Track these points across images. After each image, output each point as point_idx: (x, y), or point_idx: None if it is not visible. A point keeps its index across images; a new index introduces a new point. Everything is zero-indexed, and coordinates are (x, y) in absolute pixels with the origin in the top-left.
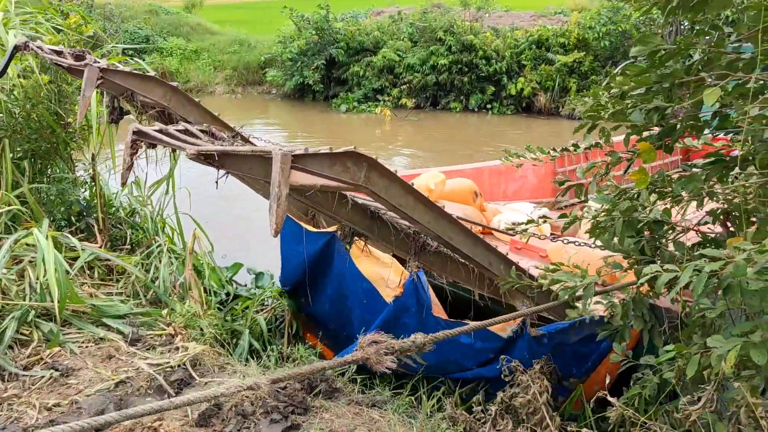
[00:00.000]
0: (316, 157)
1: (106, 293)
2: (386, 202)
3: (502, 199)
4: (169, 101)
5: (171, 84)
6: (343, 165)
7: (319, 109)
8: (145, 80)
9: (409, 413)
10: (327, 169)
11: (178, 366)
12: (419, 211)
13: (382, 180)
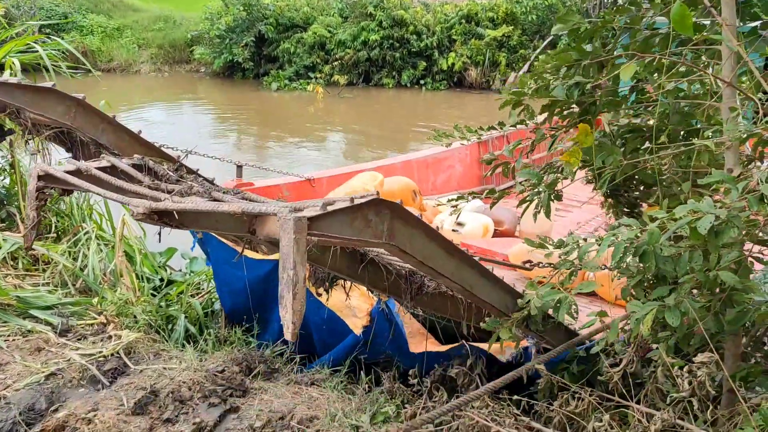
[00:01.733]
0: (335, 216)
1: (32, 284)
2: (411, 258)
3: (432, 192)
4: (73, 119)
5: (75, 97)
6: (364, 219)
7: (250, 87)
8: (39, 94)
9: (348, 390)
10: (347, 227)
11: (112, 355)
12: (443, 259)
13: (407, 229)
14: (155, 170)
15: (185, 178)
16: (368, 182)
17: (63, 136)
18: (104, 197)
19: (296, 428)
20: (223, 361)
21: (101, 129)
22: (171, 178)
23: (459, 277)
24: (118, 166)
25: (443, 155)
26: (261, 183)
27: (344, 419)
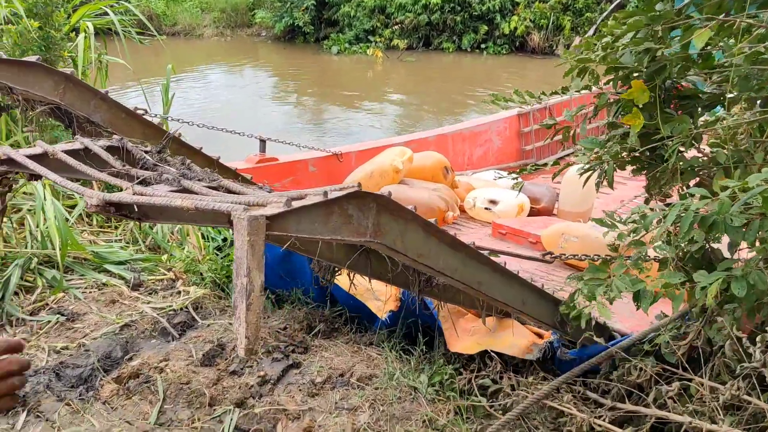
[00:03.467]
0: (304, 213)
1: (105, 240)
2: (403, 256)
3: (468, 167)
4: (63, 95)
5: (63, 72)
6: (343, 215)
7: (309, 51)
8: (24, 69)
9: (406, 351)
10: (322, 225)
11: (181, 309)
12: (444, 256)
13: (397, 224)
14: (133, 153)
15: (167, 162)
16: (396, 157)
17: (59, 113)
18: (60, 185)
19: (355, 385)
20: (285, 319)
21: (93, 105)
22: (147, 163)
23: (464, 275)
24: (91, 149)
25: (480, 128)
26: (286, 158)
27: (402, 379)
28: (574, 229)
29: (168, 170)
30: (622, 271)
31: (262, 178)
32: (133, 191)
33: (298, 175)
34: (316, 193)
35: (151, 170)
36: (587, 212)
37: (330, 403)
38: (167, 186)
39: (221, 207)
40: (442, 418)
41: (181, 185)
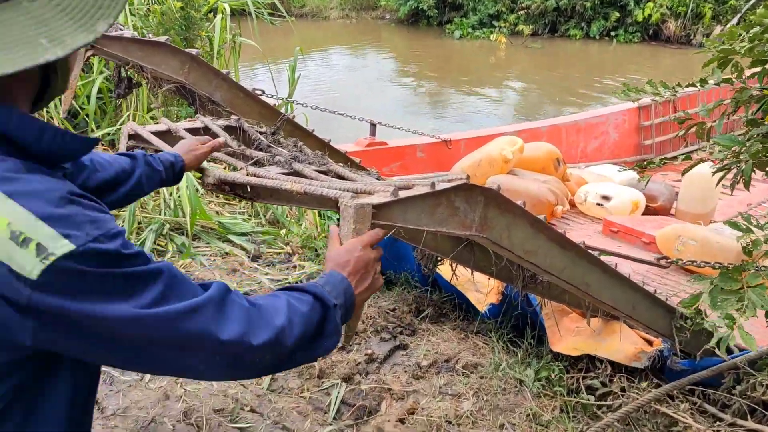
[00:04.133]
0: (410, 203)
1: (230, 212)
2: (508, 252)
3: (580, 159)
4: (187, 75)
5: (188, 52)
6: (449, 206)
7: (432, 35)
8: (153, 49)
9: (514, 343)
10: (427, 216)
11: (296, 283)
12: (552, 256)
13: (504, 219)
14: (249, 134)
15: (281, 144)
16: (506, 147)
17: (184, 91)
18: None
19: (460, 371)
20: (395, 301)
21: (214, 85)
22: (262, 144)
23: (572, 275)
24: (210, 128)
25: (596, 120)
26: (394, 142)
27: (508, 370)
28: (693, 231)
29: (280, 152)
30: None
31: (370, 162)
32: (247, 172)
33: (406, 160)
34: (424, 183)
35: (264, 151)
36: (708, 214)
37: (434, 387)
38: (279, 168)
39: (329, 193)
40: (547, 414)
41: (292, 168)
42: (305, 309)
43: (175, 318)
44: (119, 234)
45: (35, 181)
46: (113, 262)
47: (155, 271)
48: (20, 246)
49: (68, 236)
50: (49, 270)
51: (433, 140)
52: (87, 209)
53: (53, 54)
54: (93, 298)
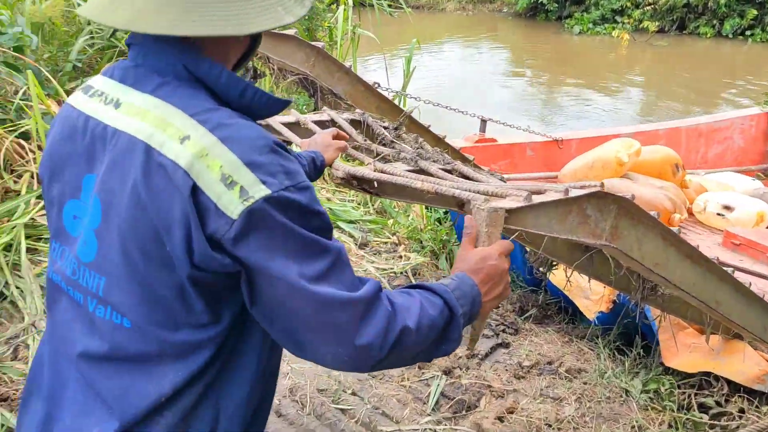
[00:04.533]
0: (543, 209)
1: (340, 199)
2: (637, 264)
3: (701, 166)
4: (312, 67)
5: (314, 45)
6: (580, 214)
7: (550, 30)
8: (282, 41)
9: (621, 351)
10: (558, 223)
11: (401, 273)
12: (682, 270)
13: (636, 230)
14: (372, 128)
15: (402, 139)
16: (622, 149)
17: (306, 82)
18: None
19: (563, 375)
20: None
21: (337, 78)
22: (386, 139)
23: (702, 291)
24: (336, 121)
25: (720, 125)
26: (504, 139)
27: (613, 379)
28: None
29: (405, 148)
30: None
31: (478, 159)
32: (375, 168)
33: (515, 157)
34: (557, 189)
35: (388, 146)
36: None
37: (535, 389)
38: (404, 165)
39: (461, 195)
40: (654, 428)
41: (417, 165)
42: (434, 313)
43: (326, 303)
44: (307, 188)
45: (245, 128)
46: (299, 212)
47: (329, 247)
48: (228, 187)
49: (265, 182)
50: (248, 211)
51: (544, 139)
52: (283, 160)
53: (288, 20)
54: (271, 246)
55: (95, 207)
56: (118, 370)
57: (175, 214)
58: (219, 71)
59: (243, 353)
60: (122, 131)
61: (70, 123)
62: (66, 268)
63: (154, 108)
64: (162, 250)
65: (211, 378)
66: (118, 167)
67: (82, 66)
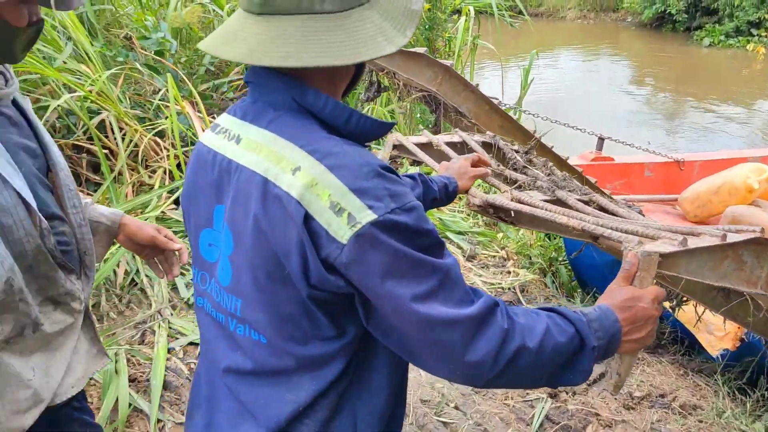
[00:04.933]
0: (697, 254)
1: (450, 209)
2: None
3: None
4: (439, 85)
5: (443, 63)
6: (736, 260)
7: (676, 42)
8: (412, 58)
9: (741, 390)
10: (710, 268)
11: (509, 289)
12: None
13: None
14: (504, 152)
15: (534, 164)
16: (752, 175)
17: (428, 99)
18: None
19: (677, 410)
20: None
21: (463, 96)
22: (518, 164)
23: None
24: (468, 143)
25: None
26: (621, 158)
27: (733, 420)
28: None
29: (538, 175)
30: None
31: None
32: (512, 197)
33: (632, 178)
34: (711, 233)
35: (519, 171)
36: None
37: (645, 422)
38: (541, 194)
39: (612, 235)
40: None
41: (554, 195)
42: (562, 339)
43: (434, 323)
44: (414, 208)
45: (351, 155)
46: (406, 233)
47: (438, 265)
48: (336, 214)
49: (371, 207)
50: (356, 236)
51: (664, 159)
52: (389, 183)
53: (389, 50)
54: (379, 268)
55: (227, 235)
56: (260, 383)
57: (291, 240)
58: (324, 101)
59: (373, 363)
60: (243, 165)
61: (202, 159)
62: (210, 291)
63: (268, 142)
64: (283, 272)
65: (344, 388)
66: (241, 199)
67: (213, 69)
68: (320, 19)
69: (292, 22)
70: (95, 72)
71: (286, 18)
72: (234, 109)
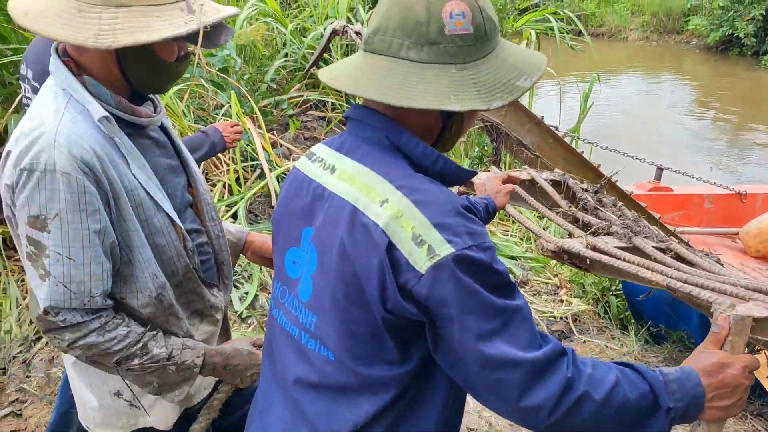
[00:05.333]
0: None
1: (503, 233)
2: None
3: None
4: (504, 117)
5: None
6: None
7: (743, 67)
8: None
9: None
10: None
11: (560, 318)
12: None
13: None
14: (573, 191)
15: (604, 204)
16: None
17: (490, 128)
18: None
19: None
20: (664, 359)
21: (527, 129)
22: (588, 204)
23: None
24: (537, 182)
25: None
26: (680, 189)
27: None
28: None
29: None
30: None
31: (652, 207)
32: (587, 243)
33: (691, 209)
34: None
35: (590, 212)
36: None
37: None
38: (616, 240)
39: (701, 294)
40: None
41: (631, 242)
42: (632, 395)
43: (496, 362)
44: (490, 248)
45: (435, 193)
46: (480, 270)
47: (507, 305)
48: (417, 245)
49: (450, 241)
50: (434, 267)
51: (725, 191)
52: (468, 221)
53: (453, 107)
54: (452, 300)
55: (312, 255)
56: (324, 397)
57: (373, 265)
58: (416, 143)
59: (430, 390)
60: (335, 194)
61: (296, 183)
62: (287, 305)
63: (360, 174)
64: (362, 294)
65: (400, 411)
66: (330, 223)
67: (275, 86)
68: (402, 64)
69: (380, 61)
70: None
71: (377, 57)
72: (331, 141)
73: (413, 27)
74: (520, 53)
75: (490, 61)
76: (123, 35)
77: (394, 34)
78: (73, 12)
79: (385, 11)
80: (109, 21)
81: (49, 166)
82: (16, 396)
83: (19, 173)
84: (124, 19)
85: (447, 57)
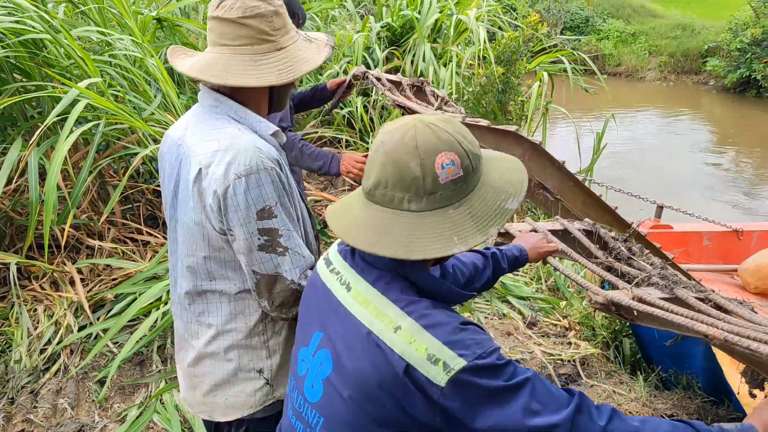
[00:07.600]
0: None
1: (512, 273)
2: None
3: None
4: (528, 161)
5: (532, 141)
6: None
7: (761, 108)
8: (502, 137)
9: None
10: None
11: (568, 361)
12: None
13: None
14: (605, 240)
15: (634, 253)
16: None
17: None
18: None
19: None
20: (673, 405)
21: (548, 173)
22: (622, 254)
23: None
24: (570, 232)
25: None
26: (680, 227)
27: None
28: None
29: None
30: None
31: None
32: (632, 295)
33: (690, 247)
34: None
35: (624, 262)
36: None
37: None
38: (657, 290)
39: (759, 349)
40: None
41: (673, 293)
42: None
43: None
44: (494, 350)
45: (439, 315)
46: (491, 371)
47: (522, 382)
48: (433, 364)
49: (462, 355)
50: (452, 380)
51: (722, 229)
52: (473, 333)
53: (457, 249)
54: (474, 402)
55: (325, 361)
56: None
57: (394, 385)
58: (424, 276)
59: None
60: (351, 314)
61: (316, 287)
62: (294, 398)
63: (374, 298)
64: (382, 410)
65: None
66: (346, 340)
67: None
68: (405, 215)
69: (384, 214)
70: None
71: (380, 209)
72: (345, 251)
73: (410, 182)
74: (501, 173)
75: (480, 190)
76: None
77: (393, 189)
78: (248, 62)
79: (380, 167)
80: (282, 62)
81: (260, 166)
82: (22, 426)
83: (234, 180)
84: (288, 58)
85: (444, 201)
